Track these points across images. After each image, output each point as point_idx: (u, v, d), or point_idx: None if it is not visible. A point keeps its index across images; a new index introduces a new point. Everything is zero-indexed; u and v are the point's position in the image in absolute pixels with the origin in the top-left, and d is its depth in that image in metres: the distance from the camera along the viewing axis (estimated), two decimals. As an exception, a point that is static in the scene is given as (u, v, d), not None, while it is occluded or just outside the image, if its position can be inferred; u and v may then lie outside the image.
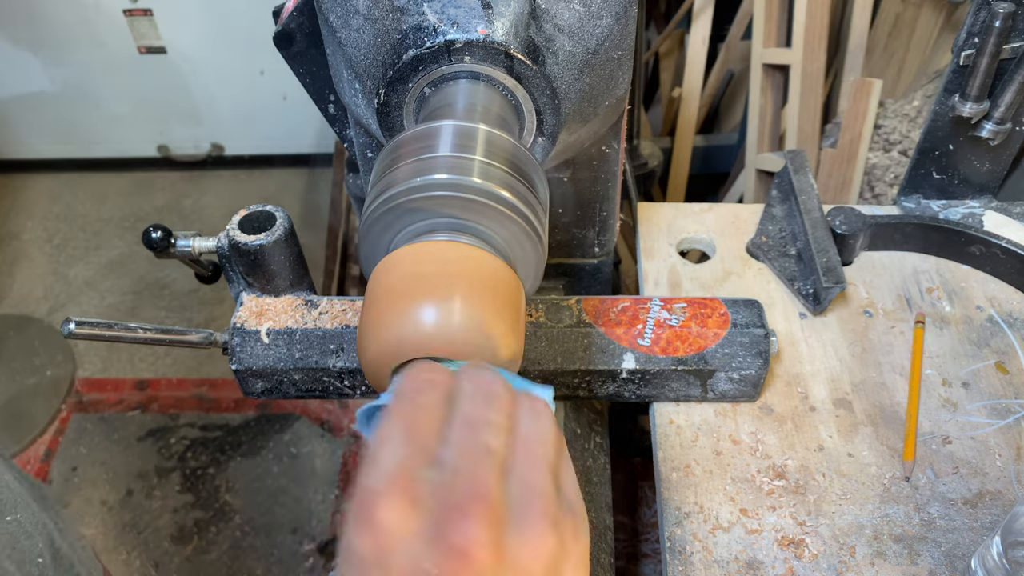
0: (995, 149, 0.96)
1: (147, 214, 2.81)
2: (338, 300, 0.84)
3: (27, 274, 2.60)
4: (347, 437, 2.06)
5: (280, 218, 0.81)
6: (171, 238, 0.81)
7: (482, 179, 0.49)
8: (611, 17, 0.63)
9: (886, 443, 0.80)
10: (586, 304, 0.83)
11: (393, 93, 0.60)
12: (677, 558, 0.72)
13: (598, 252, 0.92)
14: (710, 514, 0.75)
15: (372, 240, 0.52)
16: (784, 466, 0.78)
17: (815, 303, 0.91)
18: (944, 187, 1.01)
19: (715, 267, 0.99)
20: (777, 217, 1.02)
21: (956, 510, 0.75)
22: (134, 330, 0.78)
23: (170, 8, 2.52)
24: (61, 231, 2.76)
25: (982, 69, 0.86)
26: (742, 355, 0.79)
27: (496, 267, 0.49)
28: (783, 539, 0.73)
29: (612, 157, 0.81)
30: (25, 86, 2.70)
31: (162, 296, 2.50)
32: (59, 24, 2.55)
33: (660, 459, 0.79)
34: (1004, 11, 0.82)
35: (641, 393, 0.82)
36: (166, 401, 2.18)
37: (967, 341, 0.90)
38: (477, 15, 0.58)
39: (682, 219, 1.06)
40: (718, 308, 0.82)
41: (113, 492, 1.98)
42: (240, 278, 0.84)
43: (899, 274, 0.97)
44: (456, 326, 0.45)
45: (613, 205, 0.87)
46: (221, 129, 2.87)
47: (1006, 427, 0.81)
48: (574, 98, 0.63)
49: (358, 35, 0.62)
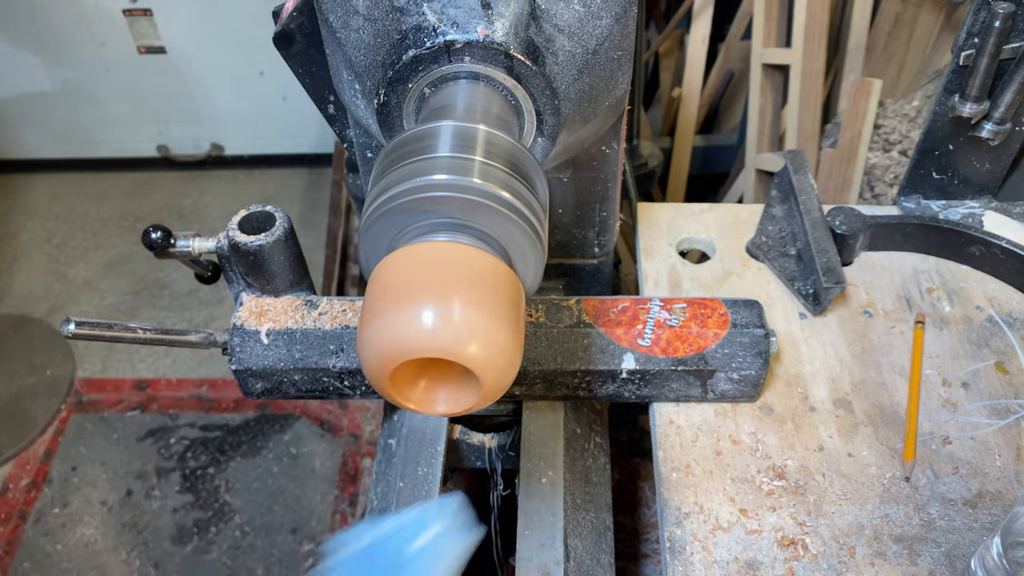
0: (995, 149, 0.96)
1: (147, 214, 2.81)
2: (338, 300, 0.84)
3: (27, 274, 2.60)
4: (347, 437, 2.06)
5: (280, 218, 0.81)
6: (171, 238, 0.81)
7: (482, 180, 0.49)
8: (611, 17, 0.63)
9: (886, 443, 0.80)
10: (586, 304, 0.83)
11: (393, 93, 0.60)
12: (677, 558, 0.72)
13: (598, 252, 0.92)
14: (710, 514, 0.75)
15: (372, 240, 0.52)
16: (784, 466, 0.78)
17: (815, 303, 0.91)
18: (944, 187, 1.01)
19: (715, 267, 0.99)
20: (777, 217, 1.02)
21: (956, 510, 0.75)
22: (134, 330, 0.78)
23: (170, 8, 2.52)
24: (61, 231, 2.76)
25: (982, 69, 0.86)
26: (742, 355, 0.79)
27: (496, 267, 0.49)
28: (783, 539, 0.73)
29: (612, 157, 0.81)
30: (25, 86, 2.70)
31: (162, 296, 2.50)
32: (59, 24, 2.55)
33: (660, 459, 0.79)
34: (1004, 11, 0.82)
35: (641, 393, 0.82)
36: (166, 401, 2.18)
37: (967, 341, 0.90)
38: (477, 15, 0.58)
39: (682, 219, 1.06)
40: (718, 308, 0.82)
41: (113, 492, 1.98)
42: (240, 278, 0.84)
43: (899, 274, 0.97)
44: (456, 326, 0.45)
45: (613, 205, 0.87)
46: (221, 129, 2.87)
47: (1006, 427, 0.81)
48: (574, 98, 0.63)
49: (358, 35, 0.62)
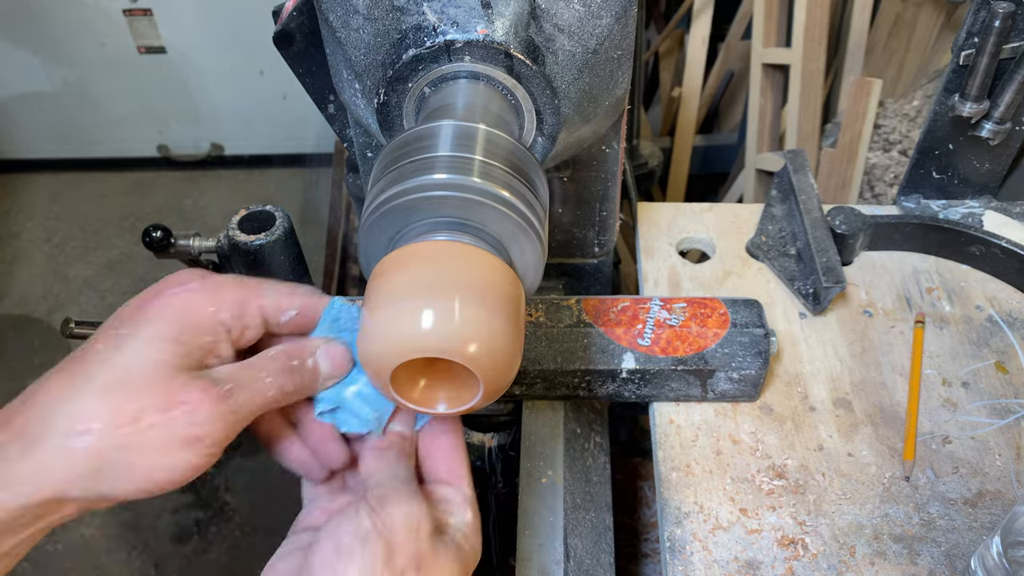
0: (995, 149, 0.96)
1: (147, 214, 2.81)
2: (338, 300, 0.83)
3: (27, 274, 2.60)
4: (347, 437, 2.05)
5: (280, 218, 0.82)
6: (171, 238, 0.82)
7: (482, 179, 0.49)
8: (611, 17, 0.63)
9: (886, 443, 0.80)
10: (586, 304, 0.83)
11: (393, 93, 0.60)
12: (677, 558, 0.72)
13: (598, 252, 0.92)
14: (710, 514, 0.75)
15: (372, 240, 0.52)
16: (784, 466, 0.78)
17: (815, 303, 0.91)
18: (944, 187, 1.01)
19: (715, 267, 0.99)
20: (777, 217, 1.02)
21: (956, 510, 0.75)
22: (134, 330, 0.78)
23: (170, 8, 2.52)
24: (61, 231, 2.76)
25: (982, 69, 0.86)
26: (742, 355, 0.79)
27: (496, 267, 0.49)
28: (783, 539, 0.73)
29: (612, 157, 0.81)
30: (25, 86, 2.70)
31: (162, 296, 2.50)
32: (59, 24, 2.55)
33: (660, 459, 0.79)
34: (1004, 11, 0.82)
35: (641, 393, 0.82)
36: (166, 401, 2.17)
37: (967, 341, 0.90)
38: (477, 15, 0.58)
39: (682, 219, 1.06)
40: (718, 308, 0.82)
41: (113, 492, 1.98)
42: (240, 278, 0.84)
43: (899, 274, 0.97)
44: (456, 326, 0.45)
45: (613, 205, 0.87)
46: (221, 129, 2.87)
47: (1006, 427, 0.81)
48: (574, 98, 0.63)
49: (358, 35, 0.62)
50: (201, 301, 0.50)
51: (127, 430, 0.45)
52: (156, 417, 0.45)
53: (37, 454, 0.44)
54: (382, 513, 0.48)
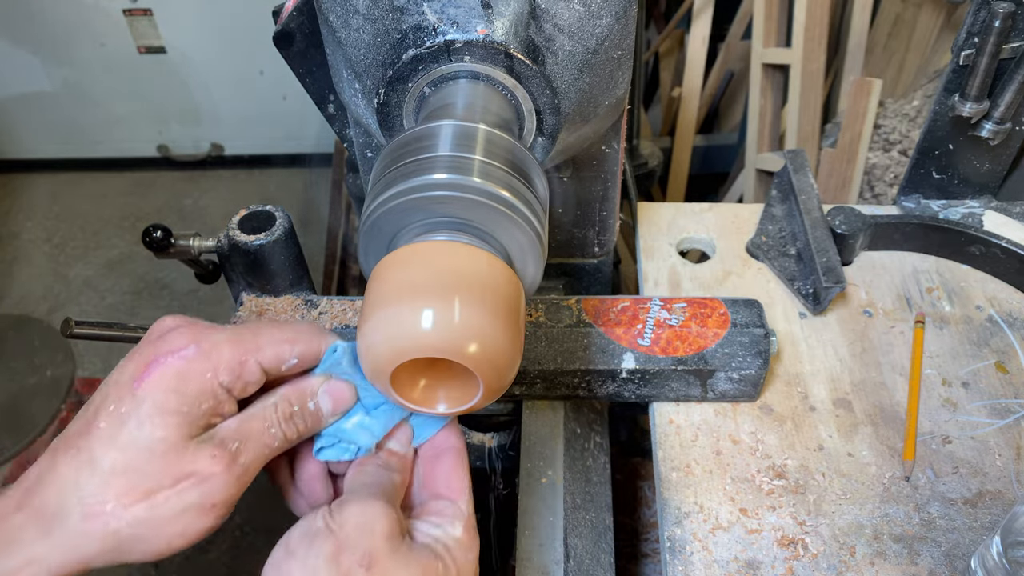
0: (995, 149, 0.96)
1: (147, 214, 2.81)
2: (338, 300, 0.83)
3: (27, 274, 2.60)
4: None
5: (280, 218, 0.82)
6: (171, 238, 0.82)
7: (482, 179, 0.49)
8: (611, 17, 0.63)
9: (886, 443, 0.80)
10: (586, 304, 0.83)
11: (393, 93, 0.60)
12: (677, 558, 0.72)
13: (598, 252, 0.92)
14: (710, 514, 0.75)
15: (372, 240, 0.52)
16: (784, 466, 0.78)
17: (815, 303, 0.91)
18: (944, 187, 1.01)
19: (715, 267, 0.99)
20: (777, 217, 1.02)
21: (956, 510, 0.75)
22: (134, 330, 0.78)
23: (170, 8, 2.52)
24: (61, 231, 2.76)
25: (982, 69, 0.86)
26: (742, 355, 0.79)
27: (496, 267, 0.49)
28: (783, 539, 0.73)
29: (612, 157, 0.81)
30: (25, 86, 2.70)
31: (162, 296, 2.50)
32: (59, 24, 2.55)
33: (660, 459, 0.79)
34: (1004, 11, 0.82)
35: (641, 393, 0.82)
36: (166, 401, 2.17)
37: (967, 341, 0.90)
38: (477, 15, 0.58)
39: (682, 219, 1.06)
40: (718, 308, 0.82)
41: (113, 492, 1.98)
42: (240, 278, 0.84)
43: (899, 274, 0.97)
44: (456, 326, 0.45)
45: (613, 205, 0.87)
46: (221, 129, 2.87)
47: (1006, 427, 0.81)
48: (574, 98, 0.63)
49: (358, 35, 0.62)
50: (198, 367, 0.48)
51: (140, 508, 0.46)
52: (167, 492, 0.46)
53: (55, 537, 0.45)
54: (337, 514, 0.47)
